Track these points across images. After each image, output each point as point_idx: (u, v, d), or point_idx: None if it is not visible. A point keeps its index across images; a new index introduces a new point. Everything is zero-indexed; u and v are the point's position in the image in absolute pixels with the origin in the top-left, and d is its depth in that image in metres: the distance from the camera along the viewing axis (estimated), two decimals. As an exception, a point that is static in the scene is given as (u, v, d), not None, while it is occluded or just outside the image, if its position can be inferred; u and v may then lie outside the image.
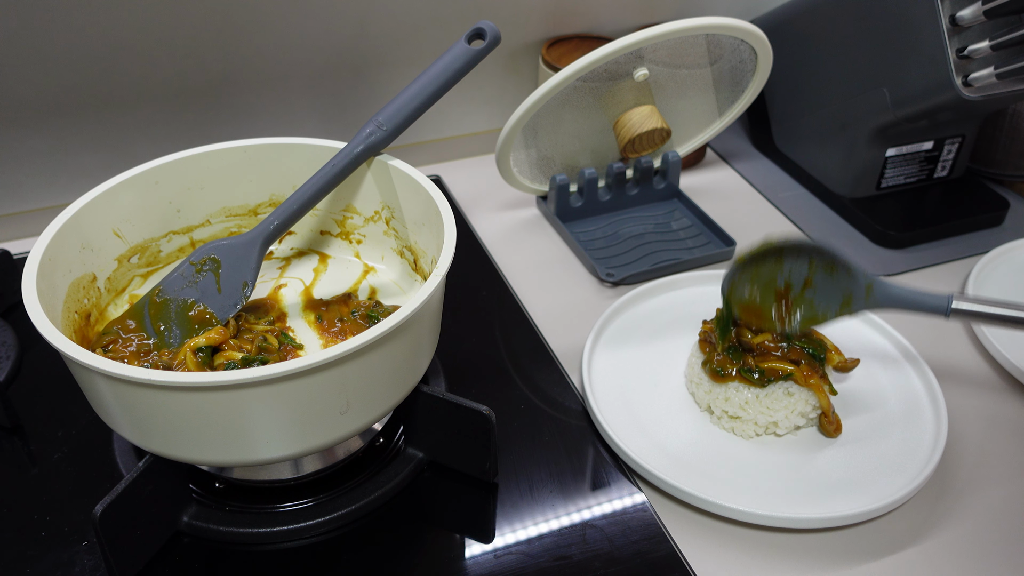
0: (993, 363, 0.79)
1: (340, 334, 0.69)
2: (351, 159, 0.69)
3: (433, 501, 0.66)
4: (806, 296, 0.67)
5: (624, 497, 0.66)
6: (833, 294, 0.67)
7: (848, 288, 0.67)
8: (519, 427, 0.72)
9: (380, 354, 0.56)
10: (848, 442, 0.69)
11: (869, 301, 0.67)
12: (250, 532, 0.62)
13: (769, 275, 0.67)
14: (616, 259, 0.90)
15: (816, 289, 0.67)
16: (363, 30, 0.97)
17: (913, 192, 0.99)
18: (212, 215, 0.75)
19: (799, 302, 0.67)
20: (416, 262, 0.74)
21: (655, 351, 0.78)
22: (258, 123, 0.98)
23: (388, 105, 0.69)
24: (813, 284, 0.67)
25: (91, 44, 0.86)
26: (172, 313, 0.67)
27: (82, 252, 0.66)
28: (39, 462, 0.68)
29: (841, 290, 0.67)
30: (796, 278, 0.67)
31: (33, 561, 0.60)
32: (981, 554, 0.63)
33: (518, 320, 0.83)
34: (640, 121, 0.91)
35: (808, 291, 0.67)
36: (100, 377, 0.53)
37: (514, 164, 0.92)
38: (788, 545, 0.63)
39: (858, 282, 0.67)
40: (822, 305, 0.67)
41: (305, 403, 0.55)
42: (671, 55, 0.89)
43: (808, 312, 0.68)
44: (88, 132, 0.92)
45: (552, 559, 0.62)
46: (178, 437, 0.55)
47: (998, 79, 0.80)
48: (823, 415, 0.69)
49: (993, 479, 0.68)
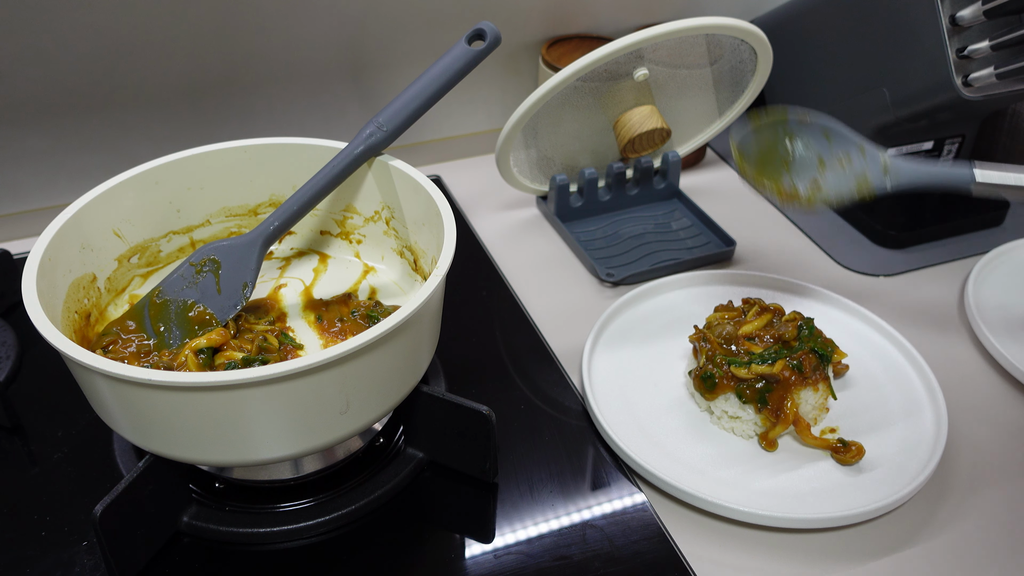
0: (993, 363, 0.79)
1: (340, 334, 0.69)
2: (351, 160, 0.69)
3: (433, 501, 0.66)
4: (819, 169, 0.64)
5: (624, 497, 0.66)
6: (846, 175, 0.63)
7: (862, 167, 0.63)
8: (519, 427, 0.72)
9: (380, 354, 0.56)
10: (848, 442, 0.69)
11: (889, 179, 0.63)
12: (250, 532, 0.62)
13: (781, 140, 0.64)
14: (616, 259, 0.90)
15: (827, 166, 0.63)
16: (363, 30, 0.97)
17: (913, 192, 0.99)
18: (212, 215, 0.75)
19: (807, 170, 0.64)
20: (416, 262, 0.74)
21: (655, 351, 0.78)
22: (258, 123, 0.98)
23: (388, 106, 0.69)
24: (823, 162, 0.64)
25: (91, 44, 0.86)
26: (172, 314, 0.67)
27: (82, 252, 0.66)
28: (39, 462, 0.68)
29: (855, 172, 0.63)
30: (808, 152, 0.64)
31: (33, 561, 0.60)
32: (981, 554, 0.63)
33: (518, 320, 0.83)
34: (640, 121, 0.91)
35: (820, 167, 0.64)
36: (100, 377, 0.53)
37: (514, 164, 0.92)
38: (788, 545, 0.63)
39: (875, 160, 0.63)
40: (834, 182, 0.64)
41: (305, 403, 0.55)
42: (671, 55, 0.89)
43: (816, 187, 0.64)
44: (88, 132, 0.92)
45: (552, 559, 0.62)
46: (178, 437, 0.55)
47: (998, 79, 0.80)
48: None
49: (993, 479, 0.68)
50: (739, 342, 0.71)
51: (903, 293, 0.87)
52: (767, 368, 0.67)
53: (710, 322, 0.74)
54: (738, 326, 0.72)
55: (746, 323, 0.72)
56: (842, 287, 0.87)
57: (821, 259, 0.92)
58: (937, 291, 0.87)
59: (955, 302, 0.86)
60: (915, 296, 0.87)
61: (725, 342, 0.71)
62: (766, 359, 0.68)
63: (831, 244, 0.94)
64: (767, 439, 0.68)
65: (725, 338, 0.72)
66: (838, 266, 0.91)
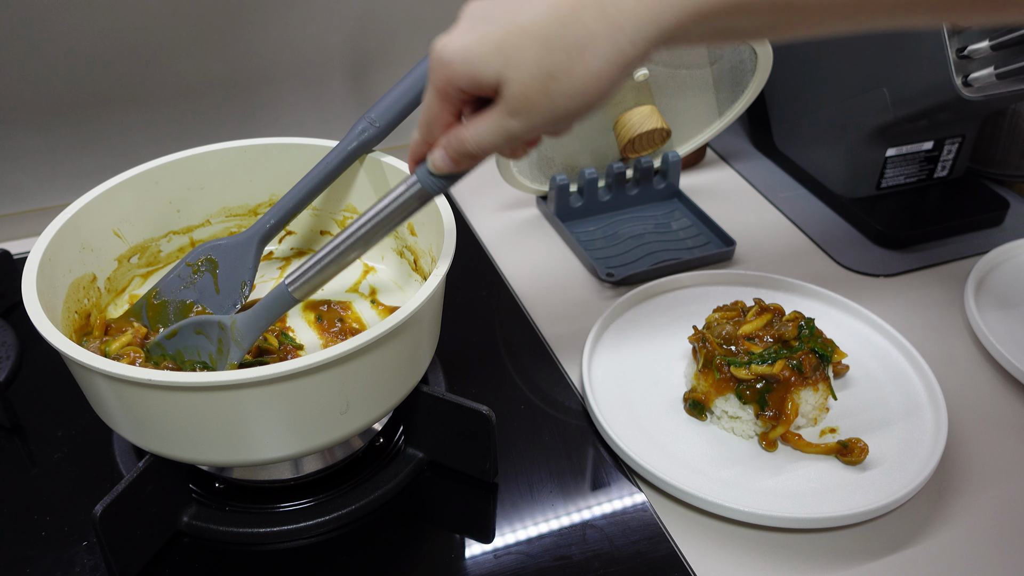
0: (993, 363, 0.79)
1: (340, 334, 0.69)
2: (345, 156, 0.69)
3: (433, 501, 0.66)
4: None
5: (624, 497, 0.66)
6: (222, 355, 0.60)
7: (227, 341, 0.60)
8: (519, 427, 0.72)
9: (380, 354, 0.56)
10: (848, 442, 0.69)
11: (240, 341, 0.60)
12: (250, 532, 0.62)
13: None
14: (616, 259, 0.90)
15: None
16: (363, 30, 0.97)
17: (913, 192, 0.99)
18: (212, 215, 0.75)
19: None
20: (416, 262, 0.74)
21: (655, 351, 0.78)
22: (258, 123, 0.98)
23: (379, 102, 0.69)
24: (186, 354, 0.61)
25: (91, 44, 0.86)
26: (171, 314, 0.67)
27: (82, 252, 0.66)
28: (39, 462, 0.68)
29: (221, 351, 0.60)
30: None
31: (33, 561, 0.60)
32: (981, 554, 0.63)
33: (518, 320, 0.83)
34: (640, 121, 0.91)
35: None
36: (100, 377, 0.53)
37: (514, 164, 0.92)
38: (788, 545, 0.63)
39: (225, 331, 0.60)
40: None
41: (305, 403, 0.55)
42: (671, 55, 0.89)
43: None
44: (88, 132, 0.92)
45: (552, 559, 0.62)
46: (178, 437, 0.55)
47: (998, 79, 0.80)
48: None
49: (993, 479, 0.68)
50: (739, 342, 0.71)
51: (903, 293, 0.87)
52: (767, 368, 0.67)
53: (709, 322, 0.74)
54: (737, 326, 0.72)
55: (746, 323, 0.72)
56: (842, 287, 0.87)
57: (821, 259, 0.92)
58: (937, 291, 0.87)
59: (955, 302, 0.86)
60: (915, 296, 0.87)
61: (725, 342, 0.71)
62: (766, 359, 0.68)
63: (831, 244, 0.94)
64: (767, 439, 0.68)
65: (725, 338, 0.71)
66: (838, 266, 0.91)
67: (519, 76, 0.46)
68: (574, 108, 0.46)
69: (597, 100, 0.46)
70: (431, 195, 0.55)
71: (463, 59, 0.47)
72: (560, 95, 0.46)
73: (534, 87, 0.46)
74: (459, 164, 0.52)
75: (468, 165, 0.53)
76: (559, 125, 0.48)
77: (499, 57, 0.46)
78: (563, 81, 0.45)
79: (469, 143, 0.50)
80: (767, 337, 0.71)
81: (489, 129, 0.49)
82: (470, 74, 0.47)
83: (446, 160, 0.52)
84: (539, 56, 0.45)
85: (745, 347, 0.70)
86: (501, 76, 0.46)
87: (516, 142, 0.50)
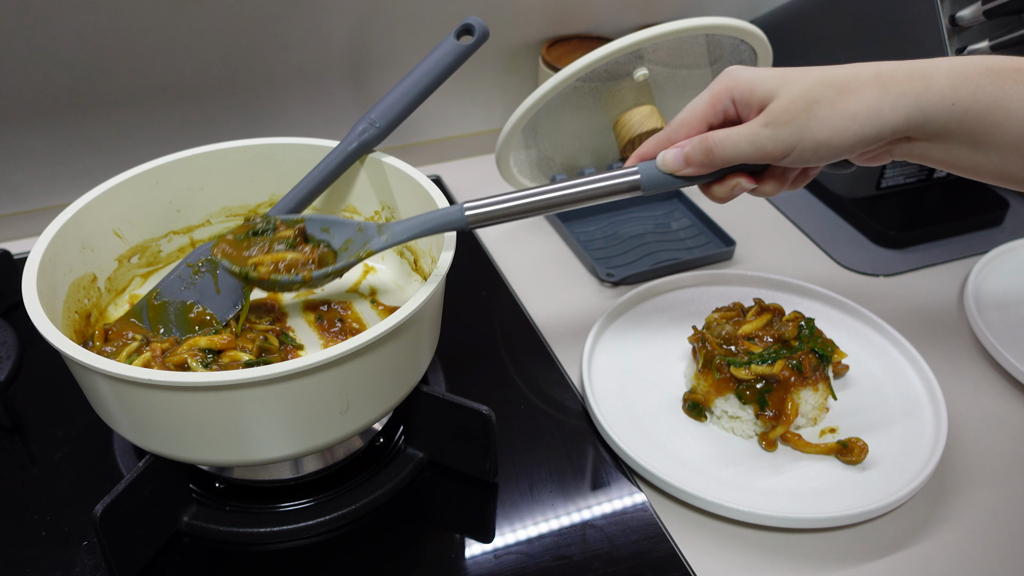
0: (993, 363, 0.79)
1: (340, 334, 0.69)
2: (345, 156, 0.69)
3: (433, 501, 0.66)
4: None
5: (624, 497, 0.66)
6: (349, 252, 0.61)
7: (362, 240, 0.61)
8: (519, 427, 0.72)
9: (380, 354, 0.56)
10: (848, 442, 0.69)
11: (385, 237, 0.60)
12: (250, 532, 0.62)
13: None
14: (616, 259, 0.90)
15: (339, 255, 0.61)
16: (363, 30, 0.97)
17: (913, 192, 0.99)
18: (212, 215, 0.75)
19: None
20: (416, 262, 0.74)
21: (655, 351, 0.78)
22: (258, 123, 0.98)
23: (380, 102, 0.69)
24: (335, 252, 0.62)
25: (91, 44, 0.86)
26: (171, 315, 0.67)
27: (82, 252, 0.66)
28: (39, 462, 0.68)
29: (358, 248, 0.61)
30: None
31: (33, 561, 0.60)
32: (981, 554, 0.63)
33: (518, 320, 0.83)
34: (640, 121, 0.91)
35: None
36: (100, 377, 0.53)
37: (514, 164, 0.92)
38: (788, 545, 0.63)
39: (371, 230, 0.61)
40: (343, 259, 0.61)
41: (305, 403, 0.55)
42: (671, 55, 0.89)
43: None
44: (88, 132, 0.92)
45: (552, 559, 0.62)
46: (178, 437, 0.55)
47: (998, 79, 0.80)
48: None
49: (993, 479, 0.68)
50: (738, 342, 0.71)
51: (903, 293, 0.87)
52: (767, 368, 0.67)
53: (709, 322, 0.74)
54: (737, 326, 0.72)
55: (746, 323, 0.72)
56: (842, 287, 0.87)
57: (821, 259, 0.92)
58: (937, 291, 0.87)
59: (955, 302, 0.86)
60: (915, 296, 0.87)
61: (724, 342, 0.71)
62: (766, 359, 0.68)
63: (831, 244, 0.94)
64: (767, 439, 0.68)
65: (724, 338, 0.71)
66: (838, 266, 0.91)
67: (789, 94, 0.53)
68: (822, 138, 0.53)
69: (843, 139, 0.53)
70: (641, 189, 0.59)
71: (750, 76, 0.55)
72: (816, 120, 0.53)
73: (798, 105, 0.53)
74: (690, 162, 0.57)
75: (698, 165, 0.57)
76: (802, 149, 0.54)
77: (780, 79, 0.54)
78: (825, 108, 0.53)
79: (714, 141, 0.56)
80: (767, 337, 0.71)
81: (739, 133, 0.55)
82: (750, 85, 0.55)
83: (679, 158, 0.57)
84: (812, 86, 0.53)
85: (745, 347, 0.70)
86: (774, 92, 0.54)
87: (759, 152, 0.54)
